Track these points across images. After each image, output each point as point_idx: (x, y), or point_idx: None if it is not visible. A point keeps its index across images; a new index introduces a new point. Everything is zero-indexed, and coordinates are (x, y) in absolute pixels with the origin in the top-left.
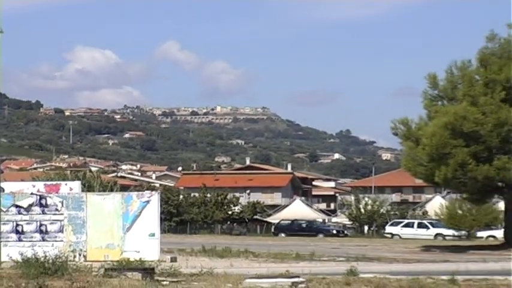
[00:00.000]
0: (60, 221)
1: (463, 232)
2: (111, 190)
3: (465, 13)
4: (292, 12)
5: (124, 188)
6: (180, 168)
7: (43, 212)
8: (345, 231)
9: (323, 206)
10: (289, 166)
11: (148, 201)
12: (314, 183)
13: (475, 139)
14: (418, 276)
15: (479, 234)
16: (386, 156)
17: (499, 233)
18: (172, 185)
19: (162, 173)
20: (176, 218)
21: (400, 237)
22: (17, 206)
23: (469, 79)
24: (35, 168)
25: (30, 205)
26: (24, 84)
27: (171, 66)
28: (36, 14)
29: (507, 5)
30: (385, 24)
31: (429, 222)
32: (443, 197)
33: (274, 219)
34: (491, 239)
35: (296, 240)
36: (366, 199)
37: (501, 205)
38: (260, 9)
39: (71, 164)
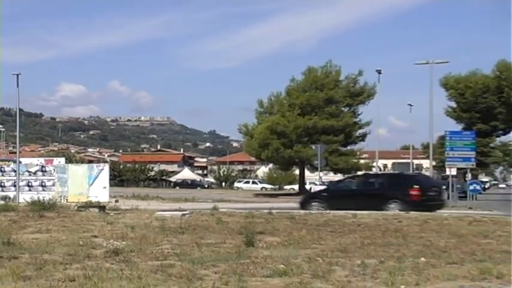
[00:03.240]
0: (53, 179)
1: (276, 186)
2: (82, 163)
3: (278, 65)
4: (187, 63)
5: (89, 162)
6: (121, 151)
7: (43, 175)
8: (212, 186)
9: (200, 172)
10: (182, 150)
11: (102, 169)
12: (195, 159)
13: (283, 135)
14: (251, 210)
15: (286, 187)
16: (236, 144)
17: (296, 187)
18: (116, 160)
19: (111, 154)
20: (118, 178)
21: (243, 189)
22: (28, 172)
23: (280, 102)
24: (39, 151)
25: (36, 171)
26: (33, 103)
27: (116, 93)
28: (40, 62)
29: (304, 60)
30: (237, 72)
31: (258, 181)
32: (265, 167)
33: (173, 179)
34: (292, 190)
35: (185, 190)
36: (224, 168)
37: (297, 172)
38: (166, 61)
39: (60, 148)
